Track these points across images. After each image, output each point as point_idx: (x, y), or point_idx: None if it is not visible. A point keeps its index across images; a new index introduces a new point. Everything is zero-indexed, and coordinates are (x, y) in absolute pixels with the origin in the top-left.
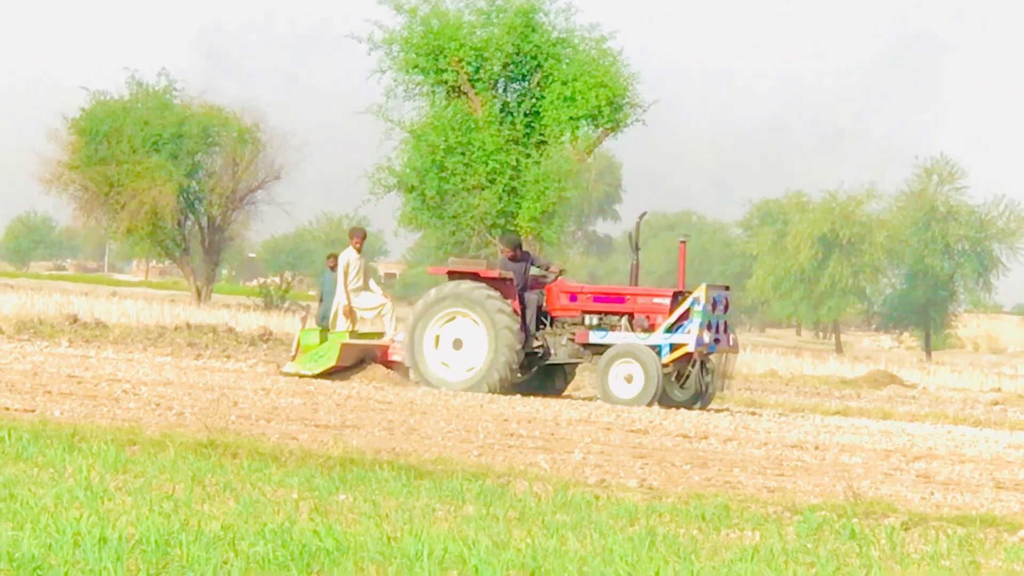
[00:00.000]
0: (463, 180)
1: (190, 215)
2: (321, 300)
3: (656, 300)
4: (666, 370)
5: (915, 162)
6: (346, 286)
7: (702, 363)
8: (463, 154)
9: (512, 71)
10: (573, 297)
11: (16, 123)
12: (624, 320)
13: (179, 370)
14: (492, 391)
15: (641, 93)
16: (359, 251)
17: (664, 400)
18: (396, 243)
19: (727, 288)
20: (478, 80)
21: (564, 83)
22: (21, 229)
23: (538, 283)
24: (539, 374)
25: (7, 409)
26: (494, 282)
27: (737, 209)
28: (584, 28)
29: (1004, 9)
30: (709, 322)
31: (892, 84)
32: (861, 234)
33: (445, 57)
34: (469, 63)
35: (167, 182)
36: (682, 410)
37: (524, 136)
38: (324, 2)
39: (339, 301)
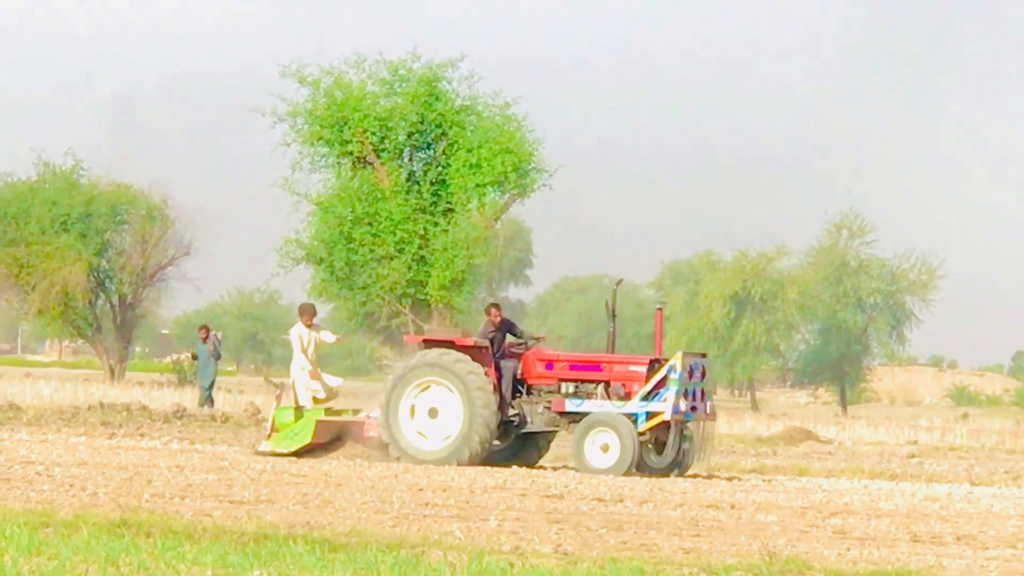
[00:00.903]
0: (371, 250)
1: (101, 294)
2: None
3: (632, 368)
4: (643, 438)
5: (824, 217)
6: (305, 354)
7: (680, 431)
8: (371, 224)
9: (417, 140)
10: (549, 365)
11: None
12: (600, 388)
13: (93, 450)
14: (468, 461)
15: (547, 158)
16: (309, 327)
17: (641, 468)
18: None
19: (704, 356)
20: (383, 150)
21: (469, 150)
22: None
23: (514, 351)
24: (515, 443)
25: None
26: (469, 350)
27: (648, 270)
28: (488, 95)
29: (908, 63)
30: (686, 390)
31: (801, 139)
32: (773, 291)
33: (350, 128)
34: (374, 133)
35: (77, 261)
36: (599, 475)
37: (431, 204)
38: (228, 76)
39: (296, 374)
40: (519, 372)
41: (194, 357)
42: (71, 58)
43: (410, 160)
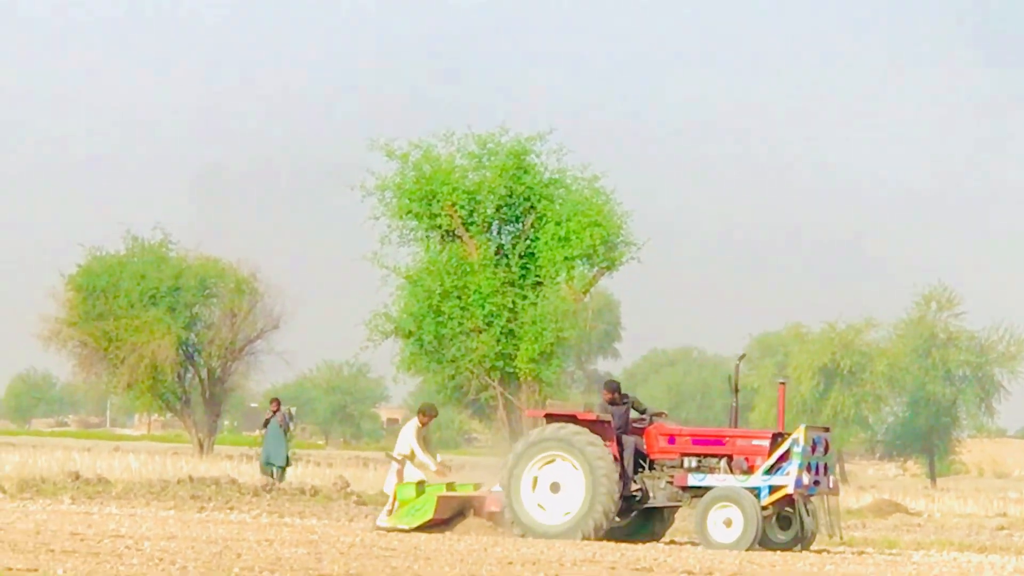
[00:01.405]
0: (460, 324)
1: (190, 367)
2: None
3: (755, 442)
4: (765, 512)
5: (913, 290)
6: (422, 450)
7: (803, 505)
8: (459, 298)
9: (505, 213)
10: (672, 439)
11: (15, 282)
12: (723, 462)
13: (182, 523)
14: (589, 536)
15: (635, 231)
16: (423, 425)
17: (764, 542)
18: (396, 388)
19: (827, 429)
20: (472, 223)
21: (558, 223)
22: (22, 387)
23: (636, 426)
24: (638, 518)
25: (10, 569)
26: (592, 425)
27: (737, 343)
28: (576, 168)
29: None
30: (809, 464)
31: (888, 214)
32: (861, 363)
33: (438, 202)
34: (462, 207)
35: (165, 335)
36: (687, 546)
37: (520, 277)
38: (316, 151)
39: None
40: (641, 447)
41: (263, 428)
42: (161, 131)
43: (498, 233)
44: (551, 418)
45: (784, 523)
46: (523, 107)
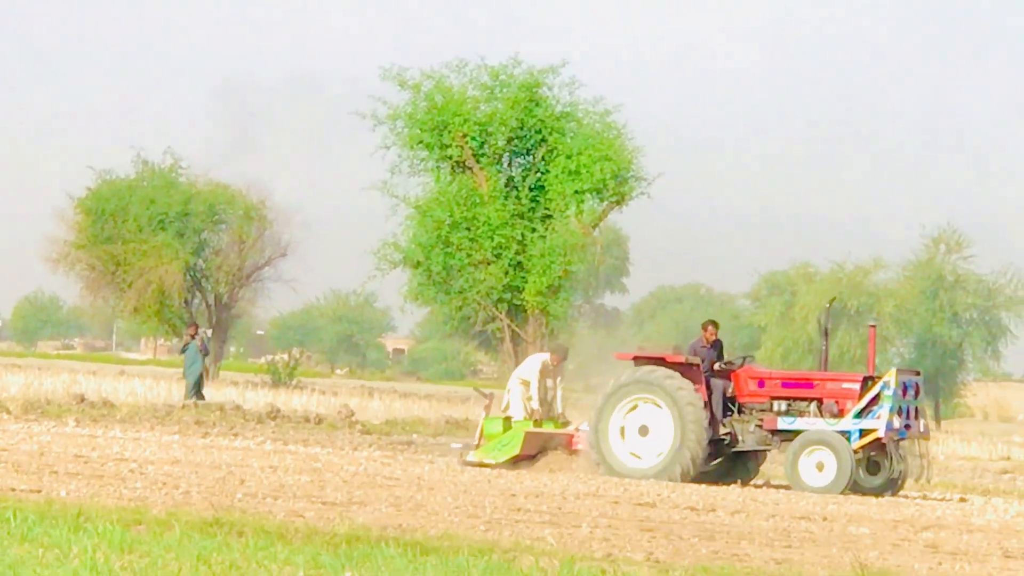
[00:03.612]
0: (469, 255)
1: (197, 293)
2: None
3: (845, 385)
4: (856, 456)
5: (922, 231)
6: (530, 384)
7: (894, 449)
8: (468, 229)
9: (516, 146)
10: (761, 383)
11: (22, 204)
12: (813, 406)
13: (186, 448)
14: (679, 479)
15: (646, 166)
16: (555, 365)
17: (854, 487)
18: (403, 319)
19: (918, 373)
20: (482, 155)
21: (568, 157)
22: (29, 309)
23: (724, 369)
24: (726, 461)
25: (13, 490)
26: (680, 368)
27: (744, 281)
28: (588, 102)
29: (997, 81)
30: (899, 407)
31: (897, 153)
32: (869, 304)
33: (449, 133)
34: (473, 138)
35: (173, 260)
36: (691, 484)
37: (529, 210)
38: (328, 79)
39: (512, 385)
40: (730, 390)
41: (181, 352)
42: (174, 52)
43: (509, 165)
44: (640, 360)
45: (873, 467)
46: (536, 39)
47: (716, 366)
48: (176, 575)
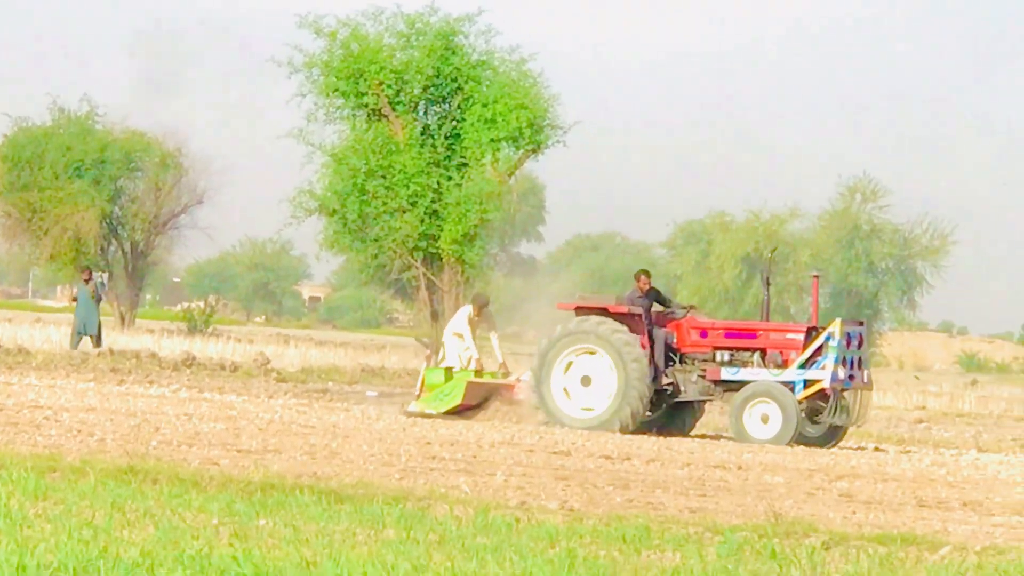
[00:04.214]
0: (384, 203)
1: (113, 240)
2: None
3: (790, 336)
4: (799, 407)
5: (838, 181)
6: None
7: (837, 400)
8: (384, 177)
9: (432, 94)
10: (704, 333)
11: None
12: (756, 356)
13: (102, 396)
14: (621, 429)
15: (562, 115)
16: (477, 315)
17: (796, 437)
18: (319, 267)
19: (862, 324)
20: (399, 103)
21: (484, 105)
22: None
23: (666, 319)
24: (668, 412)
25: None
26: (623, 318)
27: (661, 229)
28: (504, 51)
29: (920, 28)
30: (844, 358)
31: (814, 103)
32: (785, 253)
33: (365, 80)
34: (389, 86)
35: (90, 208)
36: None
37: (445, 159)
38: (243, 26)
39: (448, 338)
40: (672, 340)
41: (73, 299)
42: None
43: (425, 114)
44: (582, 310)
45: (814, 417)
46: None
47: (659, 310)
48: (90, 522)
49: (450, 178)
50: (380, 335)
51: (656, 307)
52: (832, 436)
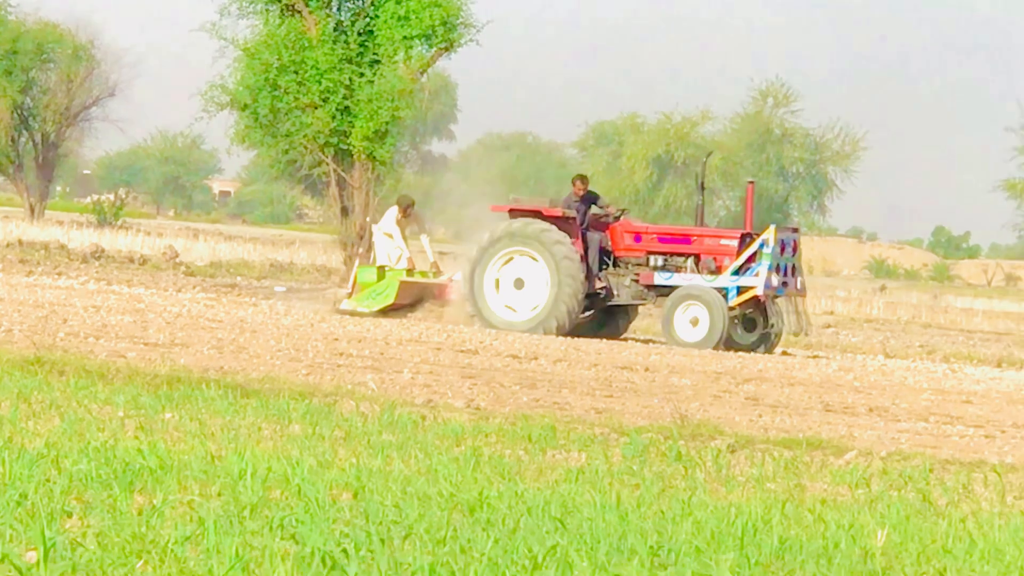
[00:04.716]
0: (296, 99)
1: (24, 131)
2: None
3: (724, 241)
4: (732, 313)
5: (750, 84)
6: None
7: (770, 306)
8: (296, 73)
9: None
10: (638, 237)
11: None
12: (690, 261)
13: (9, 287)
14: (555, 332)
15: (476, 13)
16: (404, 216)
17: (729, 343)
18: (230, 161)
19: (796, 230)
20: None
21: (398, 2)
22: None
23: (601, 223)
24: (600, 315)
25: None
26: (557, 221)
27: (572, 130)
28: None
29: None
30: (778, 265)
31: (730, 5)
32: (696, 156)
33: None
34: None
35: (1, 98)
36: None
37: (358, 55)
38: None
39: (377, 237)
40: (606, 244)
41: None
42: None
43: (338, 10)
44: (516, 213)
45: (750, 324)
46: None
47: (594, 213)
48: None
49: (362, 75)
50: (290, 231)
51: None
52: (765, 343)
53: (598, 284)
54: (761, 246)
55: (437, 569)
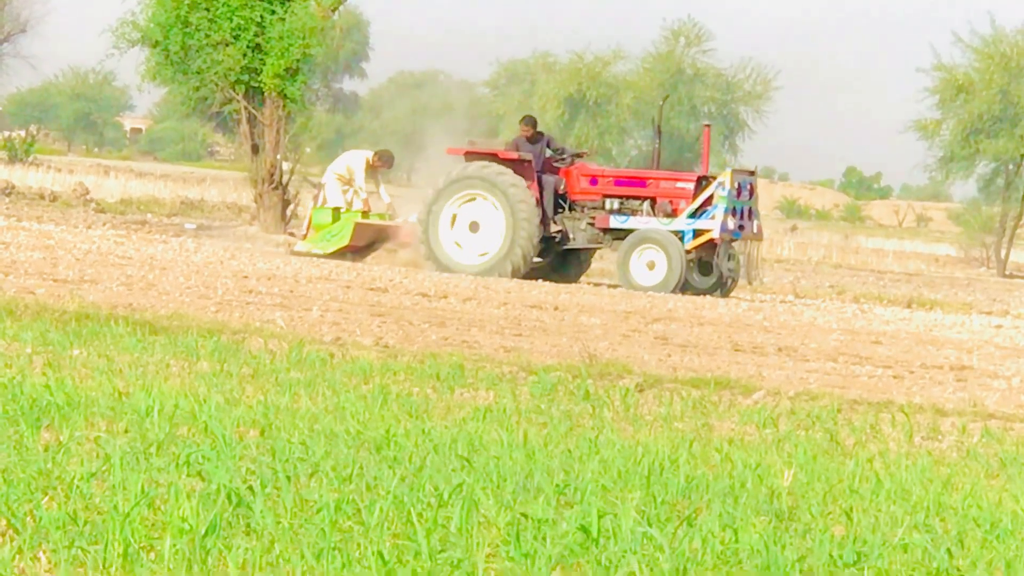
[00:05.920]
0: (207, 36)
1: None
2: None
3: (680, 184)
4: (688, 256)
5: (662, 23)
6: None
7: (726, 250)
8: (207, 10)
9: None
10: (593, 180)
11: None
12: (646, 205)
13: None
14: (510, 275)
15: None
16: (374, 167)
17: (685, 287)
18: (141, 98)
19: (753, 173)
20: None
21: None
22: None
23: (555, 166)
24: (556, 259)
25: None
26: (512, 164)
27: (484, 68)
28: None
29: None
30: (734, 208)
31: None
32: (608, 95)
33: None
34: None
35: None
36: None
37: None
38: None
39: (328, 178)
40: (562, 187)
41: None
42: None
43: None
44: (471, 156)
45: (705, 268)
46: None
47: (549, 156)
48: None
49: (273, 12)
50: (201, 168)
51: (548, 154)
52: (721, 286)
53: (554, 228)
54: (717, 189)
55: (343, 506)
